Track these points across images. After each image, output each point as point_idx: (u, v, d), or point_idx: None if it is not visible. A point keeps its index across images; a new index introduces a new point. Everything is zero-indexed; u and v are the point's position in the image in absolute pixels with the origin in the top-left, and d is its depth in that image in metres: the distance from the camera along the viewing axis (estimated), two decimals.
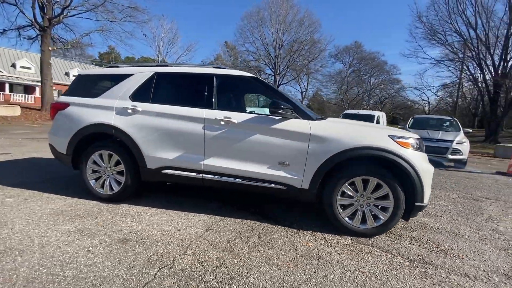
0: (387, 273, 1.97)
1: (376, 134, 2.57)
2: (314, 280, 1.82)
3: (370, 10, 77.11)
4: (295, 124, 2.61)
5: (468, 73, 21.46)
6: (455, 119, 8.78)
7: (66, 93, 3.34)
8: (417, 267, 2.09)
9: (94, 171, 3.10)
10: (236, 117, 2.72)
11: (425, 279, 1.92)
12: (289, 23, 35.87)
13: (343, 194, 2.56)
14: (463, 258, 2.27)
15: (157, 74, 3.05)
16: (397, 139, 2.50)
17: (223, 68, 3.01)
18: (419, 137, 2.69)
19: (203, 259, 2.00)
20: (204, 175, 2.79)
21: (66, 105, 3.18)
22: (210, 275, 1.80)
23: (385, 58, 63.15)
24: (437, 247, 2.45)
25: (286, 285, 1.76)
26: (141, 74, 3.07)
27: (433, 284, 1.87)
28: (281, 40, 36.57)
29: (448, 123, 8.55)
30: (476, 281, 1.95)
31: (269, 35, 36.47)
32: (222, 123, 2.73)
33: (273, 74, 36.61)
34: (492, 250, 2.47)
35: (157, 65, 3.16)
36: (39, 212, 2.67)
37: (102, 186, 3.07)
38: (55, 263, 1.82)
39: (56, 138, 3.24)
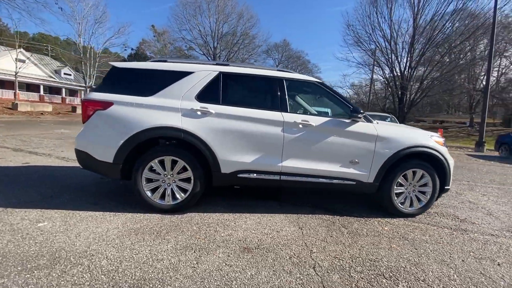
0: (454, 241, 2.60)
1: (423, 135, 3.20)
2: (423, 255, 2.28)
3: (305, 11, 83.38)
4: (364, 127, 2.99)
5: (383, 77, 26.38)
6: (393, 116, 10.89)
7: (101, 89, 2.77)
8: (463, 234, 2.82)
9: (149, 180, 2.74)
10: (314, 120, 2.90)
11: (477, 242, 2.64)
12: (228, 14, 35.62)
13: (397, 184, 3.11)
14: (479, 224, 3.15)
15: (223, 74, 2.89)
16: (434, 139, 3.19)
17: (288, 72, 3.10)
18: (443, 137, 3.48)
19: (332, 254, 2.20)
20: (282, 176, 2.88)
21: (108, 104, 2.66)
22: (363, 266, 2.03)
23: (310, 57, 70.29)
24: (458, 218, 3.29)
25: (412, 261, 2.15)
26: (204, 73, 2.85)
27: (484, 244, 2.59)
28: (220, 31, 36.05)
29: (388, 119, 10.53)
30: (500, 237, 2.79)
31: (207, 24, 35.41)
32: (300, 126, 2.86)
33: None
34: (484, 215, 3.48)
35: (216, 64, 2.98)
36: (109, 234, 2.25)
37: (163, 197, 2.75)
38: (216, 284, 1.70)
39: (95, 144, 2.68)
